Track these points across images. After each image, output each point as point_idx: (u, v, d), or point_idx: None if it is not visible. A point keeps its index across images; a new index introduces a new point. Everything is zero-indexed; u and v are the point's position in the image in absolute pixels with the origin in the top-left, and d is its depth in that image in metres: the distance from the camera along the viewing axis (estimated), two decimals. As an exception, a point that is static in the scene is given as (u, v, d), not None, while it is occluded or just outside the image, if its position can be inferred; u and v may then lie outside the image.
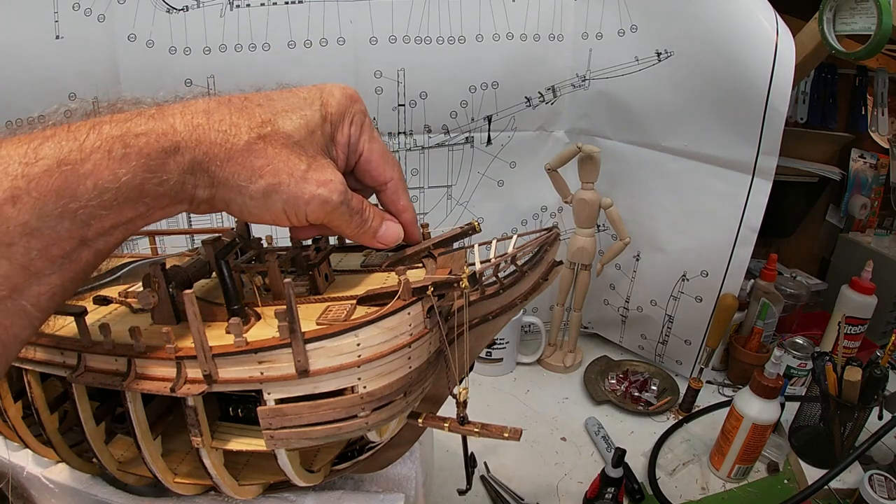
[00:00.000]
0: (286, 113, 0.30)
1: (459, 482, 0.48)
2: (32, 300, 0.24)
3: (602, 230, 0.91)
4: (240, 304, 0.36)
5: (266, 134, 0.29)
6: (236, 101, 0.30)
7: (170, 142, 0.27)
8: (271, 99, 0.31)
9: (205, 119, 0.28)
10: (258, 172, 0.29)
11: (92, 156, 0.25)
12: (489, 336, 0.43)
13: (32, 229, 0.23)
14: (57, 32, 0.66)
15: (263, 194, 0.30)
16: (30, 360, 0.37)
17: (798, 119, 1.06)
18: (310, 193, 0.30)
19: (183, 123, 0.27)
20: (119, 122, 0.26)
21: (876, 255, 0.99)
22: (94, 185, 0.25)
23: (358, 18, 0.72)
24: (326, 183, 0.31)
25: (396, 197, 0.37)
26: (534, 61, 0.79)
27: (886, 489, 0.62)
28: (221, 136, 0.28)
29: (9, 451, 0.47)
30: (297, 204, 0.31)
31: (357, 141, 0.34)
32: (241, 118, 0.29)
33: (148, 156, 0.26)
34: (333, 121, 0.32)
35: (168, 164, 0.27)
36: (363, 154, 0.35)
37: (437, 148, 0.82)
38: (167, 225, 0.79)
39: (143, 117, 0.27)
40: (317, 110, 0.32)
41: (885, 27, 0.62)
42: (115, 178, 0.25)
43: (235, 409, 0.38)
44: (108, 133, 0.25)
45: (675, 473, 0.72)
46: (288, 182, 0.30)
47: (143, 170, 0.26)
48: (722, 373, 0.95)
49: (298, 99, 0.32)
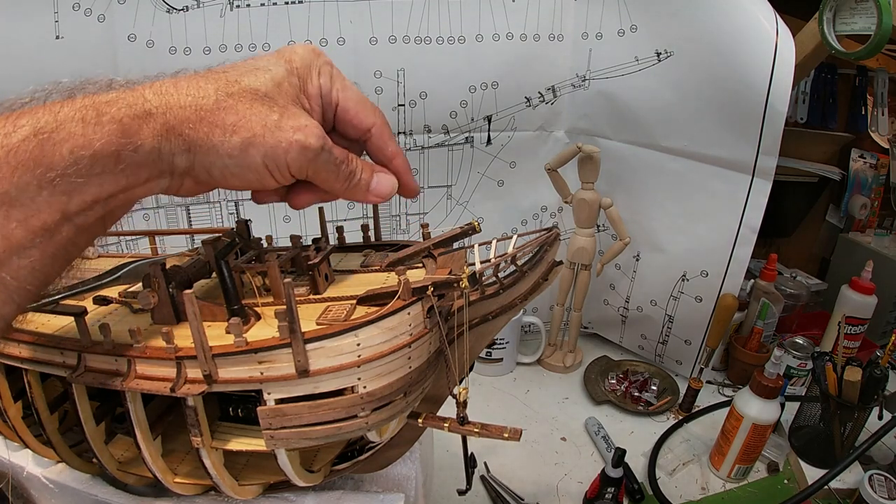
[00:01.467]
0: (251, 72, 0.31)
1: (459, 482, 0.48)
2: (13, 272, 0.25)
3: (602, 230, 0.91)
4: (240, 304, 0.36)
5: (233, 91, 0.30)
6: (202, 73, 0.31)
7: (140, 108, 0.27)
8: (235, 66, 0.32)
9: (173, 87, 0.29)
10: (231, 129, 0.29)
11: (66, 124, 0.25)
12: (489, 336, 0.43)
13: (12, 199, 0.24)
14: (57, 32, 0.66)
15: (240, 150, 0.30)
16: (30, 360, 0.37)
17: (798, 119, 1.06)
18: (287, 140, 0.30)
19: (152, 92, 0.28)
20: (92, 95, 0.27)
21: (876, 255, 0.99)
22: (69, 151, 0.25)
23: (358, 18, 0.72)
24: (302, 128, 0.31)
25: (383, 143, 0.36)
26: (534, 61, 0.79)
27: (886, 489, 0.62)
28: (190, 98, 0.29)
29: (9, 451, 0.47)
30: (277, 153, 0.30)
31: (329, 91, 0.34)
32: (207, 83, 0.30)
33: (120, 121, 0.26)
34: (300, 73, 0.32)
35: (141, 130, 0.27)
36: (339, 104, 0.34)
37: (436, 148, 0.82)
38: (167, 225, 0.79)
39: (114, 90, 0.28)
40: (281, 66, 0.32)
41: (885, 27, 0.62)
42: (90, 144, 0.26)
43: (235, 409, 0.38)
44: (80, 103, 0.26)
45: (675, 473, 0.72)
46: (262, 133, 0.30)
47: (117, 135, 0.26)
48: (722, 373, 0.95)
49: (262, 60, 0.32)
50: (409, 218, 0.87)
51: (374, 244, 0.48)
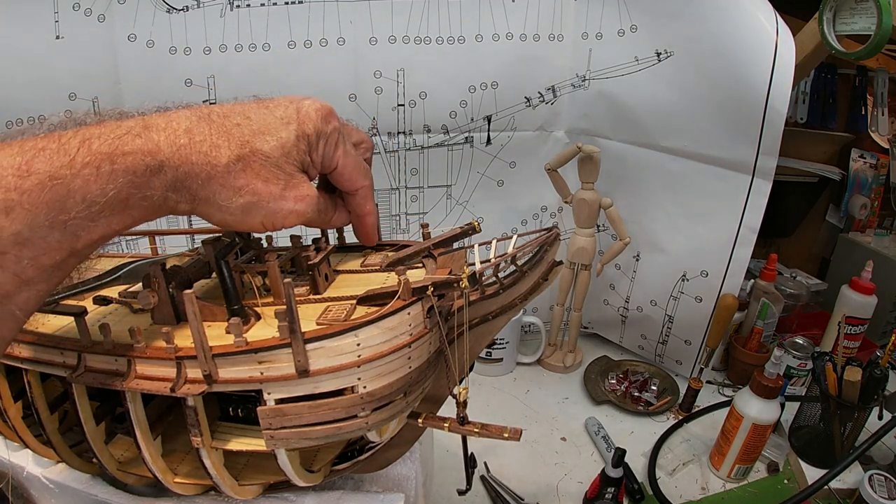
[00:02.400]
0: (263, 135, 0.32)
1: (459, 482, 0.48)
2: (21, 305, 0.26)
3: (602, 230, 0.91)
4: (240, 304, 0.36)
5: (244, 155, 0.31)
6: (216, 119, 0.31)
7: (155, 161, 0.28)
8: (248, 118, 0.32)
9: (187, 139, 0.30)
10: (238, 192, 0.31)
11: (82, 172, 0.26)
12: (489, 336, 0.43)
13: (24, 239, 0.25)
14: (57, 32, 0.66)
15: (243, 211, 0.32)
16: (30, 360, 0.37)
17: (798, 119, 1.06)
18: (287, 209, 0.33)
19: (167, 143, 0.29)
20: (107, 139, 0.28)
21: (876, 255, 0.99)
22: (82, 198, 0.26)
23: (358, 19, 0.72)
24: (303, 199, 0.34)
25: (364, 202, 0.40)
26: (534, 61, 0.79)
27: (886, 489, 0.62)
28: (203, 157, 0.30)
29: (9, 451, 0.47)
30: (275, 218, 0.33)
31: (332, 158, 0.36)
32: (220, 139, 0.31)
33: (134, 173, 0.28)
34: (310, 141, 0.34)
35: (152, 182, 0.28)
36: (337, 168, 0.37)
37: (436, 148, 0.82)
38: (167, 225, 0.79)
39: (129, 136, 0.28)
40: (293, 131, 0.33)
41: (885, 27, 0.62)
42: (103, 193, 0.27)
43: (235, 409, 0.38)
44: (97, 149, 0.27)
45: (675, 473, 0.72)
46: (267, 200, 0.32)
47: (129, 186, 0.28)
48: (722, 373, 0.95)
49: (275, 119, 0.33)
50: (409, 218, 0.87)
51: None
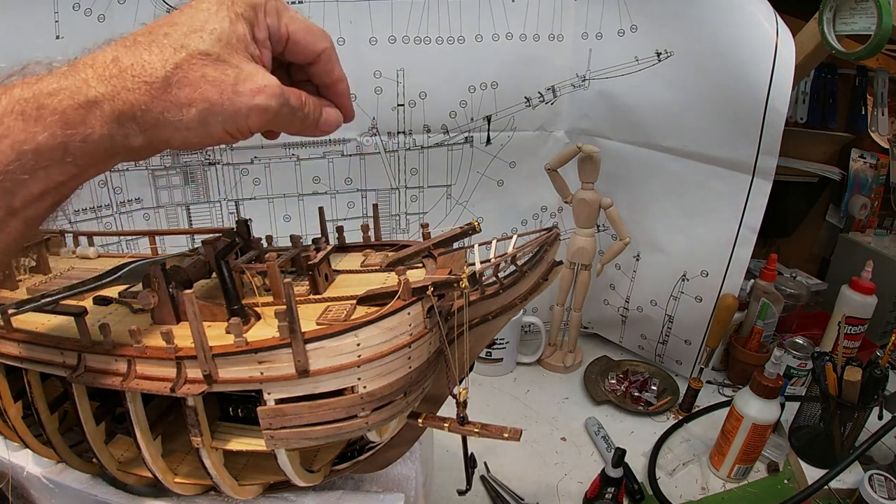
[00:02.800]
0: (195, 33, 0.29)
1: (459, 482, 0.48)
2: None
3: (602, 230, 0.91)
4: (240, 304, 0.36)
5: (181, 61, 0.28)
6: (142, 38, 0.28)
7: (84, 97, 0.26)
8: (175, 23, 0.29)
9: (116, 68, 0.27)
10: (186, 103, 0.28)
11: (4, 119, 0.24)
12: (489, 336, 0.43)
13: None
14: (57, 32, 0.66)
15: (199, 122, 0.28)
16: (30, 360, 0.37)
17: (798, 119, 1.06)
18: (246, 106, 0.29)
19: (95, 76, 0.26)
20: (30, 83, 0.25)
21: (876, 255, 0.99)
22: (10, 147, 0.24)
23: (358, 19, 0.72)
24: (261, 90, 0.29)
25: (331, 66, 0.35)
26: (534, 61, 0.79)
27: (886, 489, 0.62)
28: (137, 79, 0.27)
29: (9, 451, 0.47)
30: (237, 120, 0.29)
31: (277, 28, 0.32)
32: (150, 55, 0.27)
33: (63, 112, 0.25)
34: (247, 18, 0.31)
35: (88, 119, 0.26)
36: (289, 37, 0.33)
37: (436, 148, 0.82)
38: (167, 225, 0.79)
39: (54, 76, 0.26)
40: (224, 17, 0.30)
41: (885, 27, 0.62)
42: (32, 139, 0.24)
43: (235, 409, 0.38)
44: (19, 95, 0.25)
45: (675, 473, 0.72)
46: (220, 101, 0.28)
47: (62, 127, 0.25)
48: (722, 373, 0.95)
49: (202, 13, 0.30)
50: (409, 218, 0.87)
51: (374, 244, 0.48)
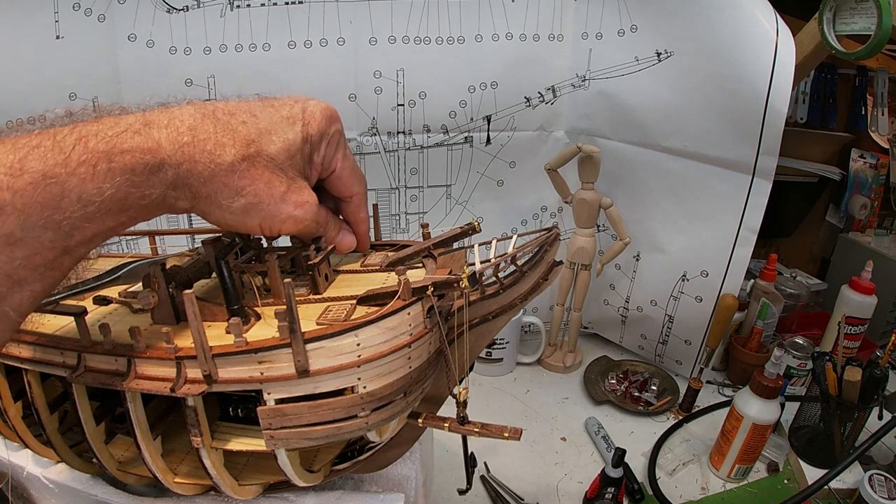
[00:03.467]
0: (269, 134, 0.32)
1: (459, 482, 0.48)
2: (14, 306, 0.25)
3: (602, 230, 0.91)
4: (240, 304, 0.36)
5: (250, 155, 0.31)
6: (221, 117, 0.30)
7: (155, 159, 0.27)
8: (255, 116, 0.32)
9: (190, 137, 0.29)
10: (240, 192, 0.31)
11: (77, 170, 0.25)
12: (489, 336, 0.43)
13: (16, 240, 0.24)
14: (57, 32, 0.66)
15: (243, 211, 0.31)
16: (30, 360, 0.37)
17: (798, 119, 1.06)
18: (287, 214, 0.33)
19: (168, 140, 0.28)
20: (105, 136, 0.26)
21: (876, 255, 0.99)
22: (78, 198, 0.25)
23: (358, 19, 0.72)
24: (303, 204, 0.34)
25: (357, 209, 0.41)
26: (533, 61, 0.79)
27: (886, 489, 0.62)
28: (207, 155, 0.29)
29: (9, 451, 0.47)
30: (274, 222, 0.33)
31: (331, 161, 0.37)
32: (225, 136, 0.30)
33: (132, 171, 0.27)
34: (313, 142, 0.34)
35: (152, 180, 0.27)
36: (335, 171, 0.37)
37: (436, 147, 0.82)
38: (167, 225, 0.79)
39: (128, 133, 0.27)
40: (298, 132, 0.33)
41: (885, 27, 0.62)
42: (100, 192, 0.26)
43: (235, 409, 0.38)
44: (93, 147, 0.26)
45: (675, 473, 0.72)
46: (268, 202, 0.32)
47: (127, 185, 0.27)
48: (722, 373, 0.95)
49: (280, 118, 0.33)
50: (409, 218, 0.87)
51: (374, 244, 0.48)
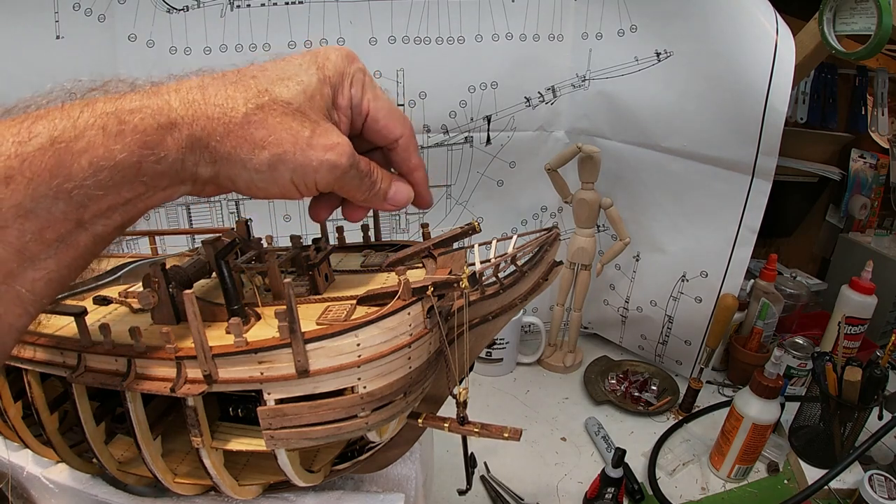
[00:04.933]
0: (282, 81, 0.29)
1: (459, 482, 0.48)
2: (28, 286, 0.24)
3: (602, 230, 0.91)
4: (240, 304, 0.36)
5: (264, 103, 0.28)
6: (230, 76, 0.29)
7: (166, 118, 0.26)
8: (265, 69, 0.30)
9: (200, 94, 0.27)
10: (260, 144, 0.28)
11: (86, 133, 0.24)
12: (489, 336, 0.43)
13: (27, 211, 0.23)
14: (57, 32, 0.66)
15: (269, 166, 0.29)
16: (30, 360, 0.37)
17: (798, 119, 1.06)
18: (318, 160, 0.29)
19: (178, 99, 0.27)
20: (113, 99, 0.25)
21: (876, 255, 0.99)
22: (88, 163, 0.24)
23: (357, 19, 0.72)
24: (333, 147, 0.30)
25: (408, 154, 0.35)
26: (533, 61, 0.79)
27: (886, 489, 0.62)
28: (218, 109, 0.27)
29: (9, 451, 0.47)
30: (306, 172, 0.29)
31: (360, 101, 0.33)
32: (236, 91, 0.28)
33: (144, 132, 0.25)
34: (333, 83, 0.31)
35: (165, 141, 0.26)
36: (369, 113, 0.33)
37: (436, 147, 0.82)
38: (167, 225, 0.79)
39: (137, 94, 0.26)
40: (313, 74, 0.30)
41: (885, 27, 0.62)
42: (111, 156, 0.24)
43: (235, 409, 0.38)
44: (101, 110, 0.25)
45: (675, 473, 0.72)
46: (293, 151, 0.29)
47: (140, 146, 0.25)
48: (722, 373, 0.95)
49: (293, 66, 0.30)
50: (409, 218, 0.87)
51: (374, 244, 0.48)
